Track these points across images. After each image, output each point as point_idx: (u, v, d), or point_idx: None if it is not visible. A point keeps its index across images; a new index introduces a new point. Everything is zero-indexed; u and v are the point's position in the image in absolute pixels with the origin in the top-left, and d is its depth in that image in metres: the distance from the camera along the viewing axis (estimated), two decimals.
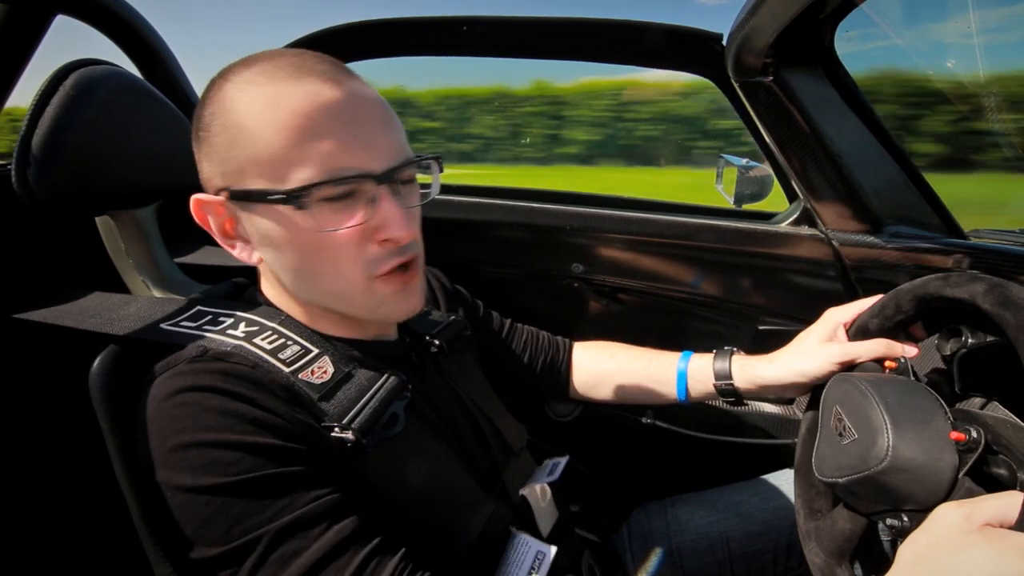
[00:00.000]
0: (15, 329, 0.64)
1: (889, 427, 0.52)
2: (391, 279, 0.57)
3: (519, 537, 0.64)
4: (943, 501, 0.49)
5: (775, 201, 1.12)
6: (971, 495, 0.47)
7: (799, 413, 1.16)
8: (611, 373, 0.91)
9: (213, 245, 0.91)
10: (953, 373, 0.62)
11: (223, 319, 0.58)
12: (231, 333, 0.56)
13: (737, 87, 0.95)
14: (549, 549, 0.64)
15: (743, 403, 0.83)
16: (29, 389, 0.81)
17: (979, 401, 0.61)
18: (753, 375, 0.79)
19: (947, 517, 0.44)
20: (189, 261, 0.86)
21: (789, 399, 1.18)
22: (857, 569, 0.62)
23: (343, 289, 0.56)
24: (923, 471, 0.49)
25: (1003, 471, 0.50)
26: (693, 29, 0.99)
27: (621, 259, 1.19)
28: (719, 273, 1.15)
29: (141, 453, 0.49)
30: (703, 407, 1.20)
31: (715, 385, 0.81)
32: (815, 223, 1.03)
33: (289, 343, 0.56)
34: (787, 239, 1.05)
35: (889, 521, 0.53)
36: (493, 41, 1.11)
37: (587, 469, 1.21)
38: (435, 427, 0.65)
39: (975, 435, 0.49)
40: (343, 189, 0.52)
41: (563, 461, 0.78)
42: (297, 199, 0.50)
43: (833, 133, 0.92)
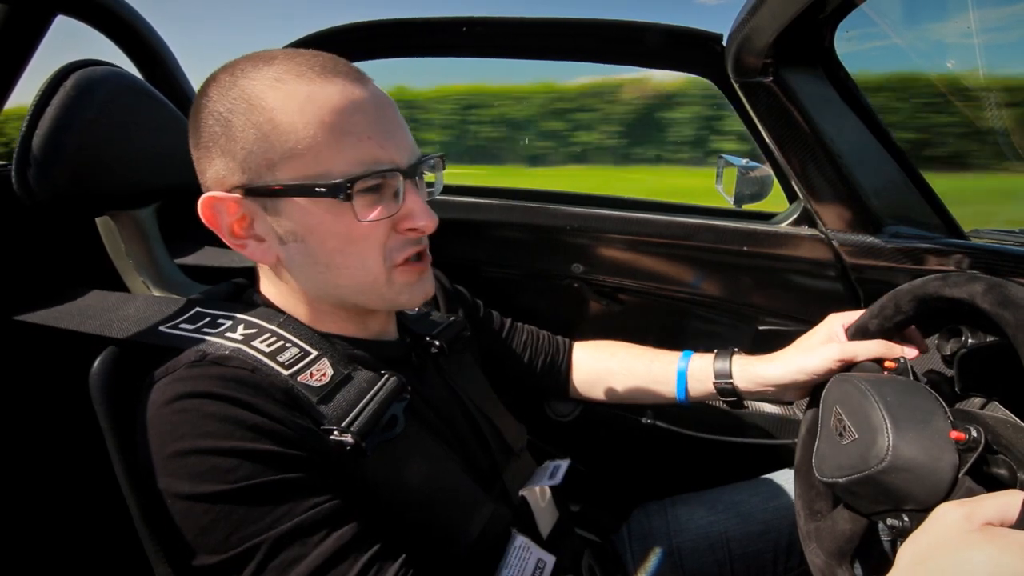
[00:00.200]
0: (15, 330, 0.64)
1: (889, 427, 0.52)
2: (408, 270, 0.59)
3: (520, 542, 0.64)
4: (943, 500, 0.49)
5: (775, 201, 1.12)
6: (971, 494, 0.47)
7: (799, 413, 1.16)
8: (611, 372, 0.91)
9: (213, 245, 0.92)
10: (953, 373, 0.62)
11: (222, 321, 0.58)
12: (230, 336, 0.56)
13: (737, 87, 0.95)
14: (550, 558, 0.65)
15: (743, 404, 0.83)
16: (29, 390, 0.81)
17: (979, 401, 0.61)
18: (753, 374, 0.79)
19: (947, 516, 0.43)
20: (190, 262, 0.86)
21: (789, 400, 1.18)
22: (857, 569, 0.62)
23: (365, 281, 0.58)
24: (923, 470, 0.49)
25: (1003, 471, 0.50)
26: (693, 29, 0.99)
27: (621, 259, 1.19)
28: (719, 273, 1.15)
29: (141, 459, 0.49)
30: (703, 407, 1.20)
31: (715, 384, 0.82)
32: (815, 223, 1.03)
33: (288, 345, 0.56)
34: (787, 239, 1.05)
35: (890, 521, 0.53)
36: (493, 42, 1.11)
37: (587, 469, 1.21)
38: (434, 428, 0.65)
39: (975, 434, 0.49)
40: (376, 181, 0.54)
41: (564, 464, 0.78)
42: (343, 190, 0.51)
43: (833, 133, 0.92)
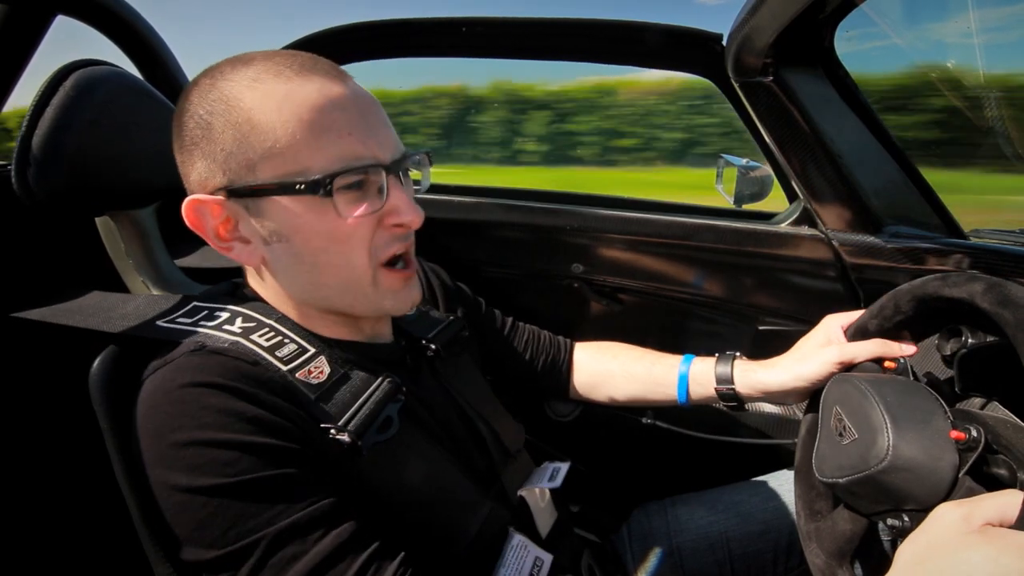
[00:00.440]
0: (15, 329, 0.64)
1: (889, 427, 0.52)
2: (394, 276, 0.59)
3: (518, 540, 0.64)
4: (943, 500, 0.49)
5: (775, 201, 1.12)
6: (971, 494, 0.47)
7: (799, 414, 1.16)
8: (612, 374, 0.91)
9: None
10: (953, 373, 0.62)
11: (219, 314, 0.58)
12: (228, 329, 0.55)
13: (737, 87, 0.95)
14: (547, 556, 0.65)
15: (744, 407, 0.83)
16: (29, 389, 0.81)
17: (979, 401, 0.61)
18: (755, 380, 0.79)
19: (947, 517, 0.43)
20: (190, 264, 0.86)
21: (790, 403, 1.18)
22: (858, 570, 0.62)
23: (351, 280, 0.57)
24: (923, 470, 0.49)
25: (1003, 471, 0.50)
26: (693, 29, 0.99)
27: (621, 259, 1.19)
28: (719, 273, 1.15)
29: (137, 450, 0.49)
30: (703, 407, 1.19)
31: (716, 389, 0.81)
32: (815, 223, 1.03)
33: (286, 341, 0.56)
34: (787, 239, 1.05)
35: (890, 521, 0.53)
36: (493, 42, 1.11)
37: (587, 469, 1.21)
38: (430, 430, 0.64)
39: (975, 434, 0.49)
40: (358, 177, 0.53)
41: (564, 467, 0.78)
42: (322, 187, 0.51)
43: (833, 133, 0.92)
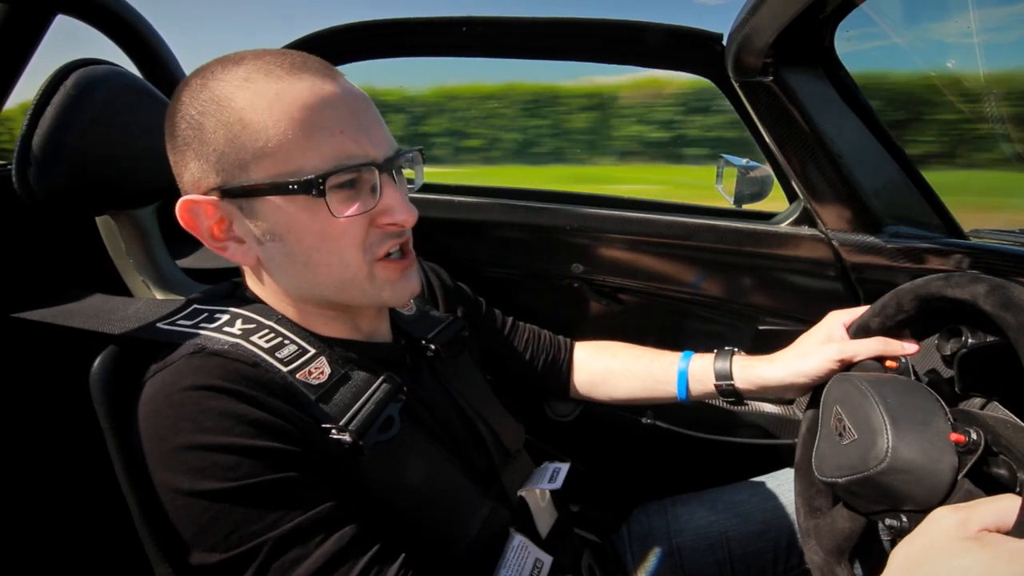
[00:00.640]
0: (15, 329, 0.64)
1: (889, 428, 0.52)
2: (391, 266, 0.58)
3: (518, 542, 0.64)
4: (942, 502, 0.49)
5: (775, 201, 1.12)
6: (970, 496, 0.47)
7: (799, 413, 1.16)
8: (612, 372, 0.91)
9: None
10: (953, 373, 0.62)
11: (219, 316, 0.58)
12: (228, 331, 0.55)
13: (737, 87, 0.95)
14: (547, 558, 0.65)
15: (743, 403, 0.83)
16: (29, 389, 0.81)
17: (979, 401, 0.61)
18: (754, 375, 0.79)
19: (943, 521, 0.44)
20: (191, 265, 0.86)
21: (789, 400, 1.18)
22: (857, 568, 0.62)
23: (347, 277, 0.57)
24: (922, 472, 0.49)
25: (1003, 471, 0.50)
26: (693, 29, 0.99)
27: (621, 259, 1.19)
28: (719, 273, 1.15)
29: (139, 453, 0.49)
30: (703, 407, 1.20)
31: (716, 385, 0.82)
32: (815, 223, 1.03)
33: (286, 342, 0.56)
34: (787, 239, 1.05)
35: (888, 521, 0.53)
36: (493, 41, 1.11)
37: (587, 469, 1.21)
38: (430, 430, 0.64)
39: (975, 437, 0.49)
40: (350, 176, 0.53)
41: (564, 468, 0.78)
42: (314, 186, 0.51)
43: (833, 133, 0.92)
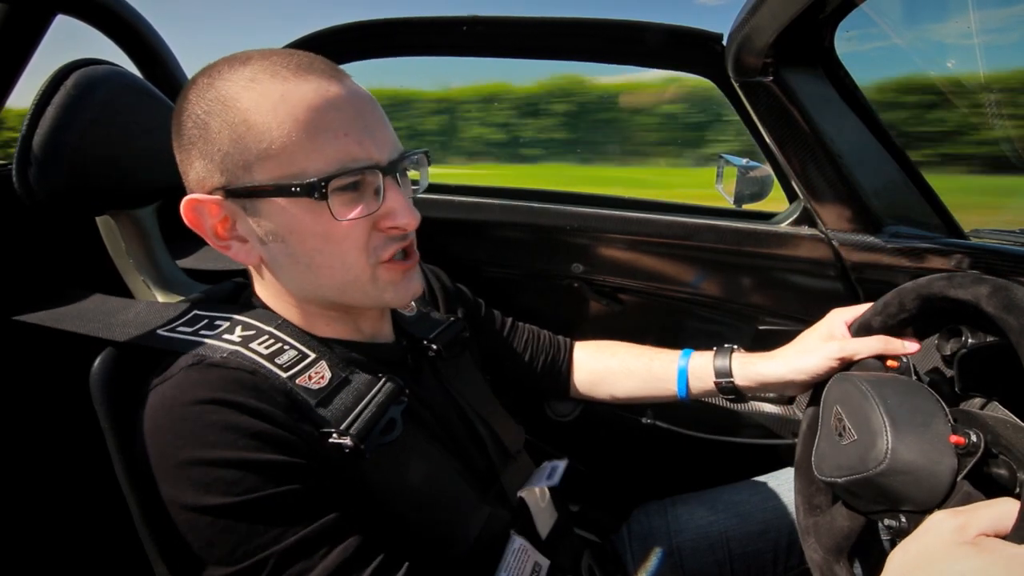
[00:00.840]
0: (16, 330, 0.64)
1: (888, 429, 0.52)
2: (393, 267, 0.58)
3: (519, 544, 0.64)
4: (941, 504, 0.49)
5: (775, 201, 1.12)
6: (969, 499, 0.47)
7: (799, 413, 1.16)
8: (612, 371, 0.91)
9: None
10: (953, 373, 0.62)
11: (219, 323, 0.58)
12: (227, 338, 0.55)
13: (737, 87, 0.95)
14: (545, 562, 0.66)
15: (744, 400, 0.84)
16: (29, 389, 0.81)
17: (979, 401, 0.61)
18: (753, 372, 0.79)
19: (941, 526, 0.44)
20: (191, 265, 0.86)
21: (789, 398, 1.18)
22: (856, 567, 0.62)
23: (348, 279, 0.57)
24: (922, 474, 0.49)
25: (1003, 472, 0.50)
26: (693, 29, 0.99)
27: (621, 259, 1.19)
28: (719, 273, 1.15)
29: (143, 468, 0.49)
30: (703, 407, 1.20)
31: (716, 382, 0.81)
32: (815, 223, 1.03)
33: (286, 348, 0.56)
34: (787, 239, 1.05)
35: (887, 521, 0.53)
36: (493, 41, 1.11)
37: (587, 469, 1.21)
38: (431, 431, 0.64)
39: (975, 439, 0.49)
40: (354, 179, 0.53)
41: (562, 465, 0.78)
42: (317, 190, 0.51)
43: (833, 133, 0.92)
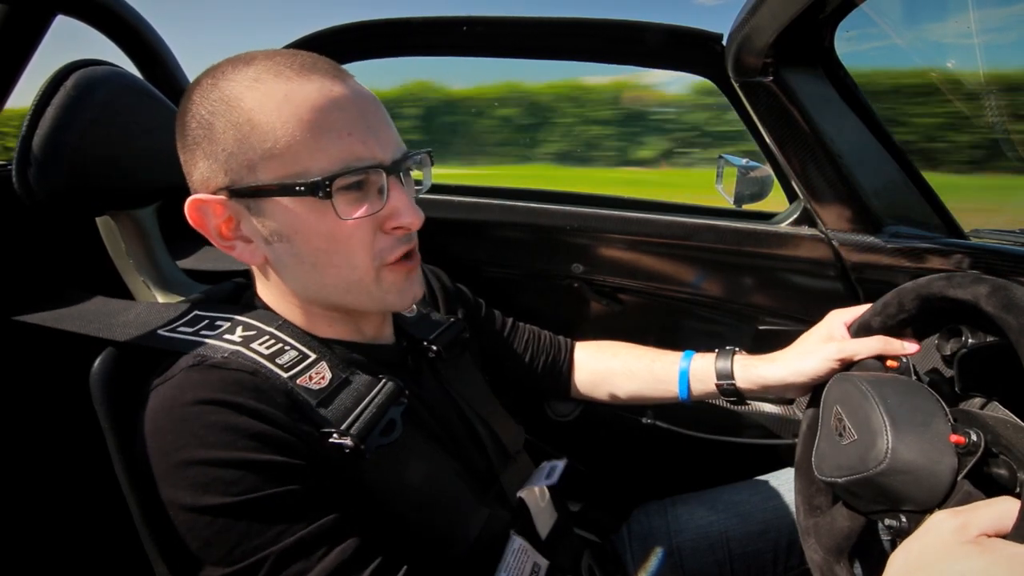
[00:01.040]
0: (16, 330, 0.64)
1: (888, 429, 0.52)
2: (397, 269, 0.58)
3: (518, 544, 0.65)
4: (942, 503, 0.49)
5: (775, 201, 1.12)
6: (969, 498, 0.47)
7: (799, 413, 1.16)
8: (613, 372, 0.91)
9: (213, 246, 0.92)
10: (953, 373, 0.62)
11: (220, 324, 0.58)
12: (228, 338, 0.55)
13: (737, 87, 0.95)
14: (544, 562, 0.66)
15: (744, 402, 0.83)
16: (29, 389, 0.81)
17: (979, 401, 0.61)
18: (755, 375, 0.79)
19: (942, 526, 0.44)
20: (191, 265, 0.86)
21: (790, 399, 1.18)
22: (856, 567, 0.62)
23: (353, 280, 0.57)
24: (922, 474, 0.49)
25: (1003, 471, 0.50)
26: (693, 29, 0.99)
27: (621, 259, 1.19)
28: (719, 273, 1.15)
29: (143, 469, 0.49)
30: (703, 407, 1.20)
31: (717, 384, 0.82)
32: (815, 223, 1.03)
33: (287, 348, 0.56)
34: (787, 239, 1.05)
35: (888, 521, 0.53)
36: (493, 41, 1.11)
37: (587, 469, 1.21)
38: (431, 431, 0.65)
39: (975, 438, 0.49)
40: (358, 178, 0.53)
41: (561, 464, 0.78)
42: (321, 188, 0.51)
43: (833, 133, 0.92)
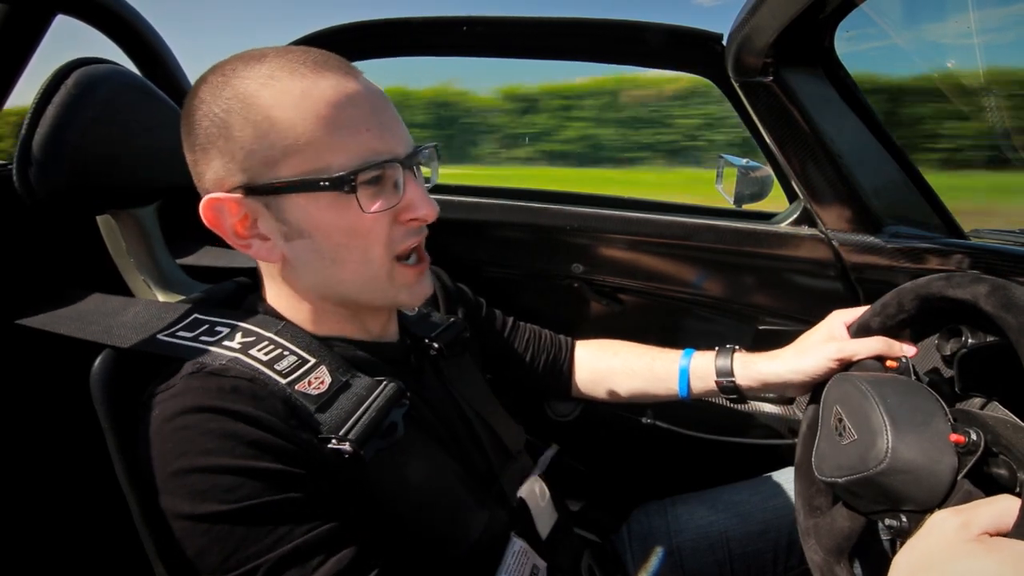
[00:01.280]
0: (16, 330, 0.64)
1: (888, 428, 0.52)
2: (407, 271, 0.60)
3: (519, 547, 0.65)
4: (942, 503, 0.49)
5: (775, 201, 1.12)
6: (970, 497, 0.47)
7: (799, 413, 1.16)
8: (613, 371, 0.91)
9: (214, 245, 0.92)
10: (953, 373, 0.62)
11: (219, 329, 0.58)
12: (227, 344, 0.55)
13: (737, 87, 0.95)
14: (543, 563, 0.66)
15: (745, 400, 0.84)
16: (29, 390, 0.81)
17: (979, 401, 0.61)
18: (755, 372, 0.79)
19: (945, 524, 0.44)
20: (191, 262, 0.86)
21: (790, 398, 1.18)
22: (856, 568, 0.62)
23: (370, 275, 0.58)
24: (922, 473, 0.50)
25: (1003, 471, 0.50)
26: (693, 29, 0.99)
27: (621, 259, 1.19)
28: (719, 273, 1.15)
29: (143, 475, 0.49)
30: (703, 407, 1.20)
31: (717, 382, 0.82)
32: (815, 223, 1.03)
33: (286, 353, 0.56)
34: (787, 239, 1.05)
35: (888, 521, 0.53)
36: (493, 41, 1.11)
37: (587, 469, 1.21)
38: (432, 431, 0.65)
39: (975, 437, 0.49)
40: (376, 173, 0.54)
41: (550, 452, 0.79)
42: (347, 183, 0.52)
43: (833, 133, 0.92)
